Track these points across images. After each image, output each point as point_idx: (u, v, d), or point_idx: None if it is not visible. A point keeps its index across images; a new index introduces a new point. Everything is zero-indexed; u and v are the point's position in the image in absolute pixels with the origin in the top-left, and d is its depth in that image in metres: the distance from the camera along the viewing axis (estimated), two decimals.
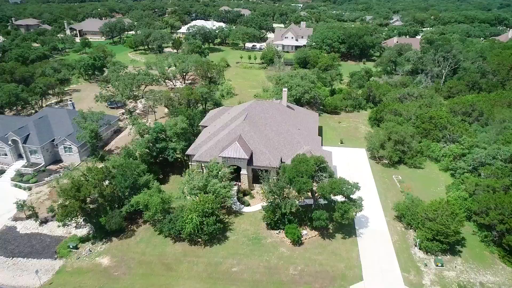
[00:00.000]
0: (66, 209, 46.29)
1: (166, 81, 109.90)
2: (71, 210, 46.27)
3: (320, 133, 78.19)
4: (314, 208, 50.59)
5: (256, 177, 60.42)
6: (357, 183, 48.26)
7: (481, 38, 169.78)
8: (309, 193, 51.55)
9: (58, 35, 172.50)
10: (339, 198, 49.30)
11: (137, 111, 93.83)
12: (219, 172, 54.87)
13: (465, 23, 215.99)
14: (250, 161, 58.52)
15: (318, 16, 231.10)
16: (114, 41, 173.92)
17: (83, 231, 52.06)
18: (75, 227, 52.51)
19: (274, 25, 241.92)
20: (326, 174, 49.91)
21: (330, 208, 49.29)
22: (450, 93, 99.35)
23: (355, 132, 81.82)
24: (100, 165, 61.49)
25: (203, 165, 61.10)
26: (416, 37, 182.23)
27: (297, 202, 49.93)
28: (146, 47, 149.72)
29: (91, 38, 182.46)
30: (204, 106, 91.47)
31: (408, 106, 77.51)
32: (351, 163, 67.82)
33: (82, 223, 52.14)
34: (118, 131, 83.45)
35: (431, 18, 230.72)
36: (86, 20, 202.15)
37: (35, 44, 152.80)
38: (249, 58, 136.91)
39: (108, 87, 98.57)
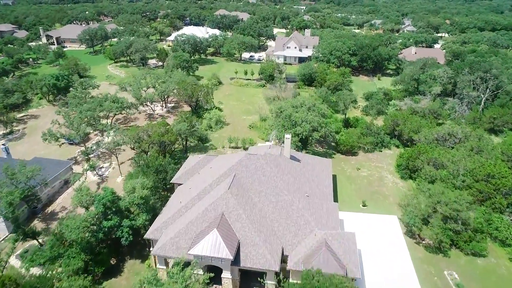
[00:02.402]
0: None
1: (144, 105, 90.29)
2: None
3: (335, 185, 58.67)
4: None
5: (247, 279, 41.03)
6: None
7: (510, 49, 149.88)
8: None
9: (30, 43, 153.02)
10: None
11: (101, 149, 74.07)
12: (187, 283, 35.32)
13: (485, 29, 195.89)
14: (236, 257, 39.03)
15: (323, 21, 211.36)
16: (95, 50, 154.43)
17: None
18: None
19: (275, 30, 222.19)
20: None
21: None
22: (493, 125, 79.68)
23: (380, 186, 62.06)
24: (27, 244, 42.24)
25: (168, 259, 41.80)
26: (435, 46, 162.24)
27: None
28: (128, 58, 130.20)
29: (69, 47, 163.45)
30: (184, 144, 71.89)
31: (453, 154, 57.63)
32: (380, 243, 48.05)
33: None
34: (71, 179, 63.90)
35: (447, 23, 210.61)
36: (64, 26, 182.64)
37: None
38: (245, 73, 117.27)
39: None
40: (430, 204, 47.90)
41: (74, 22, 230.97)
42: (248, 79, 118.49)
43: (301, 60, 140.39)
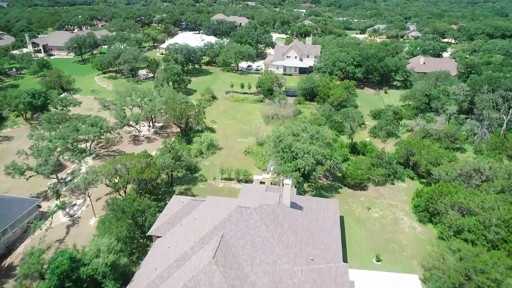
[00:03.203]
0: None
1: (128, 126, 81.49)
2: None
3: (342, 230, 49.97)
4: None
5: None
6: None
7: None
8: None
9: (15, 51, 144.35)
10: None
11: (75, 182, 65.13)
12: None
13: (494, 35, 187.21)
14: None
15: (324, 26, 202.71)
16: (83, 59, 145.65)
17: None
18: None
19: (274, 35, 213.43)
20: None
21: None
22: None
23: (395, 232, 53.22)
24: None
25: None
26: (444, 55, 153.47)
27: None
28: (117, 68, 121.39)
29: (57, 55, 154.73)
30: (170, 176, 63.09)
31: (483, 199, 48.77)
32: None
33: None
34: (39, 219, 54.99)
35: (453, 28, 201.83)
36: (52, 33, 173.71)
37: None
38: (242, 86, 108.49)
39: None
40: (461, 269, 39.11)
41: (66, 27, 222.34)
42: (245, 93, 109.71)
43: (302, 70, 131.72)
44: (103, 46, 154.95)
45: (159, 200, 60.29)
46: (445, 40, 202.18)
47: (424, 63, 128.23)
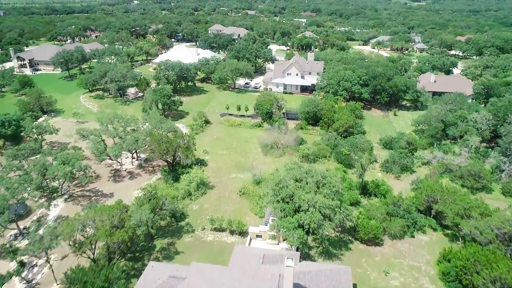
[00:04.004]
0: None
1: (110, 159, 72.00)
2: None
3: None
4: None
5: None
6: None
7: None
8: None
9: None
10: None
11: (29, 245, 55.39)
12: None
13: (504, 48, 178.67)
14: None
15: (326, 38, 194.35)
16: (70, 75, 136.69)
17: None
18: None
19: (274, 47, 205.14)
20: None
21: None
22: None
23: None
24: None
25: None
26: (455, 71, 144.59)
27: None
28: (104, 86, 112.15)
29: (44, 70, 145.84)
30: (149, 231, 53.37)
31: None
32: None
33: None
34: None
35: (461, 41, 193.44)
36: (38, 47, 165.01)
37: None
38: (238, 108, 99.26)
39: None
40: None
41: (58, 38, 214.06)
42: (242, 115, 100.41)
43: (304, 88, 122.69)
44: (93, 60, 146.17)
45: (136, 259, 50.70)
46: (452, 52, 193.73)
47: (435, 81, 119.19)
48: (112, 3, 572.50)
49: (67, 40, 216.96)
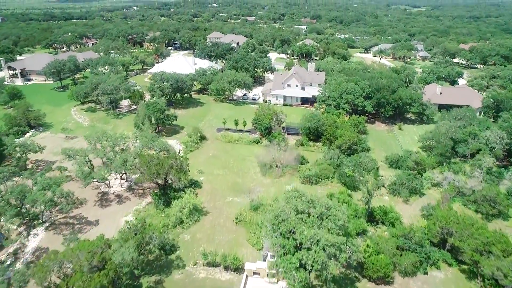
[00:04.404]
0: None
1: (95, 181, 67.00)
2: None
3: None
4: None
5: None
6: None
7: None
8: None
9: None
10: None
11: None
12: None
13: (509, 57, 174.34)
14: None
15: (327, 46, 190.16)
16: (63, 85, 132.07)
17: None
18: None
19: (274, 55, 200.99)
20: None
21: None
22: None
23: None
24: None
25: None
26: (460, 82, 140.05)
27: None
28: (96, 99, 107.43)
29: (36, 80, 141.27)
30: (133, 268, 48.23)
31: None
32: None
33: None
34: None
35: (465, 49, 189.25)
36: (30, 56, 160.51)
37: None
38: (236, 123, 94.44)
39: None
40: None
41: (54, 45, 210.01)
42: (240, 130, 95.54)
43: (304, 100, 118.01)
44: (87, 70, 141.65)
45: None
46: (456, 60, 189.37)
47: (441, 93, 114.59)
48: (111, 9, 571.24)
49: (63, 48, 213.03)
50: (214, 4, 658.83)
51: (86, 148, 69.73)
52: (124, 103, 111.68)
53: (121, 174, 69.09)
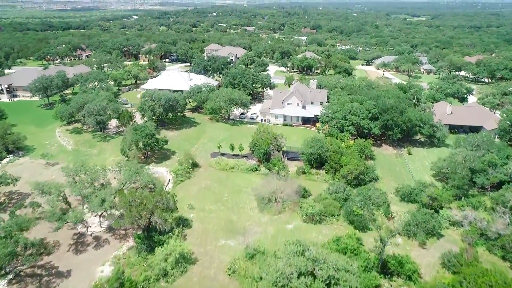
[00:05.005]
0: None
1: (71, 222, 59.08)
2: None
3: None
4: None
5: None
6: None
7: None
8: None
9: None
10: None
11: None
12: None
13: None
14: None
15: (328, 59, 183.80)
16: (50, 102, 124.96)
17: None
18: None
19: (273, 67, 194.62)
20: None
21: None
22: None
23: None
24: None
25: None
26: (470, 99, 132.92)
27: None
28: (82, 120, 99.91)
29: (22, 96, 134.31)
30: None
31: None
32: None
33: None
34: None
35: (471, 62, 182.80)
36: (19, 70, 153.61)
37: None
38: (232, 148, 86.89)
39: None
40: None
41: (47, 58, 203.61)
42: (236, 155, 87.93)
43: (305, 120, 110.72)
44: (76, 85, 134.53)
45: None
46: (462, 73, 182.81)
47: (451, 113, 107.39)
48: (111, 18, 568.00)
49: (56, 60, 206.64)
50: (214, 14, 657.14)
51: (61, 183, 61.97)
52: (113, 123, 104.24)
53: (100, 213, 61.23)
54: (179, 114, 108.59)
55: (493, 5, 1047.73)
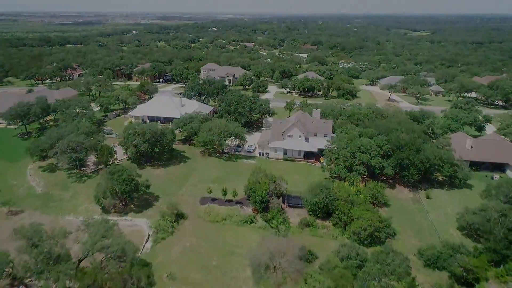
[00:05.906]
0: None
1: None
2: None
3: None
4: None
5: None
6: None
7: None
8: None
9: None
10: None
11: None
12: None
13: None
14: None
15: (331, 81, 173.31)
16: (27, 132, 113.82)
17: None
18: None
19: (273, 88, 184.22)
20: None
21: None
22: None
23: None
24: None
25: None
26: (487, 129, 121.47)
27: None
28: (55, 157, 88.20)
29: (0, 124, 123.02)
30: None
31: None
32: None
33: None
34: None
35: (484, 84, 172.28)
36: None
37: None
38: (224, 193, 75.08)
39: None
40: None
41: (35, 78, 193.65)
42: (229, 201, 76.05)
43: (308, 154, 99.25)
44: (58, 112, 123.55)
45: None
46: (473, 94, 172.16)
47: (471, 147, 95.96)
48: (111, 33, 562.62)
49: (46, 79, 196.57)
50: (214, 28, 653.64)
51: (11, 257, 49.99)
52: (91, 158, 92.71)
53: None
54: (166, 149, 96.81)
55: (491, 19, 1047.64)
